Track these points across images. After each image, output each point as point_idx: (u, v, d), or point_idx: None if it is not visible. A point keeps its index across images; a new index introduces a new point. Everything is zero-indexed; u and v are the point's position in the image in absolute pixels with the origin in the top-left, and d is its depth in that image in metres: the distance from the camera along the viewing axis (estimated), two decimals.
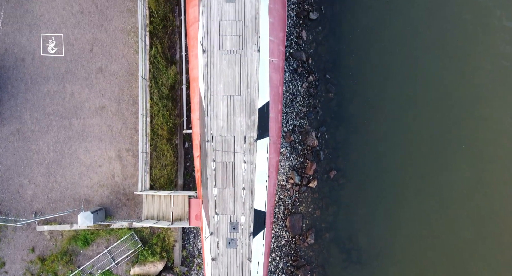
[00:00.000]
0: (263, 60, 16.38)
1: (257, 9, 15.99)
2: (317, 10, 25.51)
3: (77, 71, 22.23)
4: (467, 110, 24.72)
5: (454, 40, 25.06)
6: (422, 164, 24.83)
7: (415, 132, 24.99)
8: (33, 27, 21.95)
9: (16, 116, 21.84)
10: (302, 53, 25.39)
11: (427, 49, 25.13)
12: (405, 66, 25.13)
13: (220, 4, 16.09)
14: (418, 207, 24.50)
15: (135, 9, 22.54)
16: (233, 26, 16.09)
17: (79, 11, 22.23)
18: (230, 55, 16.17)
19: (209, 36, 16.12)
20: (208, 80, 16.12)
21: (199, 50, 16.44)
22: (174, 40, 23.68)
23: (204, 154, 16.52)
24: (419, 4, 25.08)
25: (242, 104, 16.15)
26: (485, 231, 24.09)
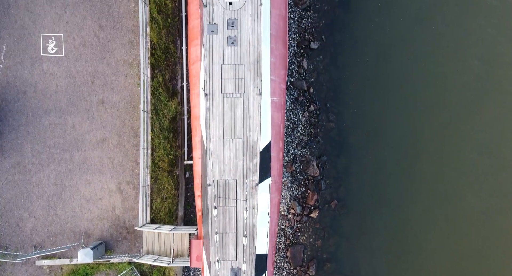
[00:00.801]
0: (264, 102, 16.41)
1: (258, 53, 16.08)
2: (318, 40, 25.63)
3: (79, 104, 22.24)
4: (469, 141, 24.69)
5: (455, 71, 25.14)
6: (424, 193, 24.73)
7: (416, 161, 24.93)
8: (35, 60, 22.01)
9: (16, 149, 21.80)
10: (303, 82, 25.44)
11: (428, 78, 25.19)
12: (405, 95, 25.17)
13: (222, 48, 16.17)
14: (422, 238, 24.34)
15: (137, 41, 22.64)
16: (234, 69, 16.15)
17: (81, 44, 22.32)
18: (232, 99, 16.21)
19: (211, 79, 16.17)
20: (210, 124, 16.14)
21: (201, 94, 16.47)
22: (176, 71, 23.76)
23: (206, 198, 16.46)
24: (419, 35, 25.20)
25: (244, 148, 16.15)
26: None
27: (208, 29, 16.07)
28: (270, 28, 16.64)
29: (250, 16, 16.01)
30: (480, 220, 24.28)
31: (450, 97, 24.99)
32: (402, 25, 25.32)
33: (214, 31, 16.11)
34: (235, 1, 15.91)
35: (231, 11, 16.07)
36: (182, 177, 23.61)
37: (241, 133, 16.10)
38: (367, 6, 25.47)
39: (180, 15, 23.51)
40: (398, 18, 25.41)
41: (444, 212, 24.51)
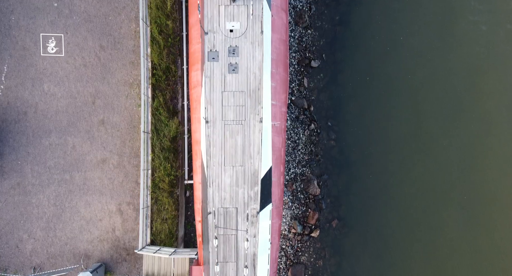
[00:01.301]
0: (265, 128, 16.38)
1: (259, 80, 16.08)
2: (318, 58, 25.66)
3: (79, 124, 22.22)
4: (474, 160, 24.61)
5: (457, 89, 25.12)
6: (426, 214, 24.61)
7: (417, 180, 24.84)
8: (36, 80, 22.03)
9: (17, 170, 21.75)
10: (303, 100, 25.43)
11: (429, 96, 25.16)
12: (406, 114, 25.13)
13: (223, 75, 16.17)
14: (425, 257, 24.19)
15: (138, 61, 22.66)
16: (235, 96, 16.15)
17: (82, 65, 22.34)
18: (233, 126, 16.18)
19: (212, 107, 16.17)
20: (211, 151, 16.11)
21: (202, 121, 16.45)
22: (176, 90, 23.75)
23: (206, 227, 16.39)
24: (419, 54, 25.20)
25: (245, 175, 16.10)
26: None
27: (209, 56, 16.10)
28: (270, 53, 16.67)
29: (251, 44, 16.04)
30: (487, 252, 24.16)
31: (453, 115, 24.94)
32: (403, 44, 25.35)
33: (215, 58, 16.12)
34: (236, 28, 15.93)
35: (232, 39, 16.10)
36: (183, 197, 23.53)
37: (242, 160, 16.07)
38: (368, 24, 25.52)
39: (181, 34, 23.57)
40: (399, 36, 25.45)
41: (447, 230, 24.38)
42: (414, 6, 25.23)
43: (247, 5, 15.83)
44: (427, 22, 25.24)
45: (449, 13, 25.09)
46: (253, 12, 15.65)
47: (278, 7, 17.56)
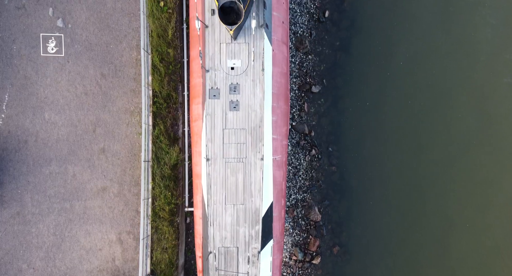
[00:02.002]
0: (266, 166, 16.37)
1: (260, 118, 16.11)
2: (319, 83, 25.72)
3: (80, 152, 22.19)
4: (472, 191, 24.53)
5: (455, 112, 25.14)
6: (428, 239, 24.49)
7: (419, 207, 24.76)
8: (37, 109, 22.05)
9: (16, 199, 21.67)
10: (304, 125, 25.45)
11: (429, 123, 25.16)
12: (406, 140, 25.13)
13: (224, 112, 16.21)
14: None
15: (139, 89, 22.69)
16: (236, 134, 16.16)
17: (83, 93, 22.38)
18: (234, 163, 16.18)
19: (213, 144, 16.17)
20: (211, 189, 16.09)
21: (203, 159, 16.45)
22: (177, 116, 23.74)
23: (207, 267, 16.31)
24: (419, 79, 25.25)
25: (246, 214, 16.06)
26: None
27: (210, 93, 16.14)
28: (272, 88, 16.70)
29: (252, 81, 16.09)
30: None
31: (455, 139, 24.92)
32: (403, 69, 25.43)
33: (216, 95, 16.16)
34: (237, 66, 15.99)
35: (233, 76, 16.15)
36: (183, 224, 23.42)
37: (243, 199, 16.03)
38: (368, 50, 25.63)
39: (182, 61, 23.63)
40: (399, 61, 25.54)
41: (450, 257, 24.23)
42: (414, 33, 25.34)
43: (248, 43, 15.91)
44: (427, 47, 25.33)
45: (450, 39, 25.19)
46: (254, 50, 15.72)
47: (279, 41, 17.64)
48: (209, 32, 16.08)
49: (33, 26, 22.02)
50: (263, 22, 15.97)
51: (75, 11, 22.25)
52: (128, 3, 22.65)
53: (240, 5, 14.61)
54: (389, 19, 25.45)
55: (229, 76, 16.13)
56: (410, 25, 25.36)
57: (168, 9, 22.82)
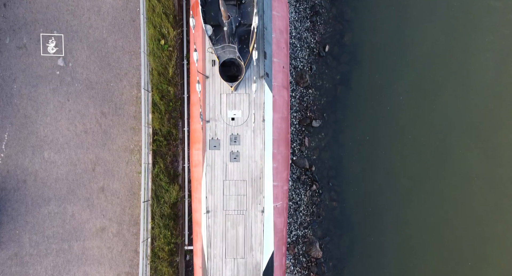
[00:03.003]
0: (267, 218, 16.22)
1: (261, 169, 16.03)
2: (319, 118, 25.67)
3: (79, 192, 22.02)
4: (473, 223, 24.33)
5: (456, 147, 25.07)
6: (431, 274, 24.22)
7: (420, 242, 24.52)
8: (36, 148, 21.95)
9: (14, 240, 21.43)
10: (305, 160, 25.33)
11: (429, 158, 25.06)
12: (406, 173, 25.00)
13: (224, 163, 16.13)
14: None
15: (139, 127, 22.63)
16: (237, 186, 16.05)
17: (83, 131, 22.31)
18: (234, 216, 16.04)
19: (213, 196, 16.06)
20: (211, 242, 15.92)
21: (203, 211, 16.32)
22: (177, 153, 23.65)
23: None
24: (419, 114, 25.21)
25: (246, 269, 15.85)
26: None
27: (210, 144, 16.07)
28: (272, 135, 16.64)
29: (252, 132, 16.03)
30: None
31: (456, 175, 24.79)
32: (403, 104, 25.41)
33: (216, 146, 16.10)
34: (237, 117, 15.96)
35: (234, 127, 16.10)
36: (183, 262, 23.14)
37: (243, 252, 15.84)
38: (368, 84, 25.64)
39: (182, 96, 23.62)
40: (399, 96, 25.54)
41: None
42: (414, 68, 25.39)
43: (248, 93, 15.90)
44: (427, 82, 25.35)
45: (451, 75, 25.20)
46: (255, 100, 15.71)
47: (279, 86, 17.63)
48: (209, 83, 16.08)
49: (34, 66, 22.05)
50: (263, 73, 16.01)
51: (76, 50, 22.31)
52: (129, 41, 22.73)
53: (241, 61, 14.63)
54: (389, 54, 25.52)
55: (229, 126, 16.09)
56: (410, 60, 25.42)
57: (169, 47, 22.90)
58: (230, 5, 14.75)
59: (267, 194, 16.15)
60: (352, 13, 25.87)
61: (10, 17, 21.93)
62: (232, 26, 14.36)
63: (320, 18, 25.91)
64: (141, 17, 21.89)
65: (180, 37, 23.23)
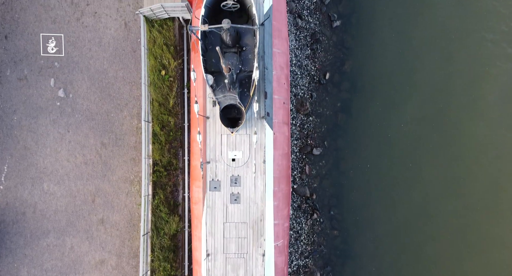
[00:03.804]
0: (268, 261, 16.03)
1: (262, 211, 15.92)
2: (320, 145, 25.60)
3: (78, 224, 21.87)
4: (474, 252, 24.12)
5: (456, 174, 24.96)
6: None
7: (422, 271, 24.27)
8: (36, 180, 21.85)
9: (13, 274, 21.22)
10: (305, 188, 25.19)
11: (430, 185, 24.93)
12: (408, 202, 24.84)
13: (224, 205, 16.02)
14: None
15: (139, 158, 22.54)
16: (237, 228, 15.93)
17: (83, 162, 22.22)
18: (234, 259, 15.89)
19: (213, 239, 15.92)
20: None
21: (203, 254, 16.16)
22: (178, 182, 23.52)
23: None
24: (420, 141, 25.14)
25: None
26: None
27: (211, 186, 15.98)
28: (273, 172, 16.56)
29: (253, 173, 15.95)
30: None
31: (458, 205, 24.63)
32: (403, 131, 25.35)
33: (217, 188, 16.00)
34: (238, 157, 15.89)
35: (234, 168, 16.02)
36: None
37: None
38: (368, 112, 25.61)
39: (183, 125, 23.57)
40: (400, 123, 25.49)
41: None
42: (414, 96, 25.37)
43: (249, 134, 15.85)
44: (427, 110, 25.32)
45: (451, 103, 25.20)
46: (256, 142, 15.66)
47: (280, 122, 17.60)
48: (210, 124, 16.06)
49: (34, 97, 22.05)
50: (264, 114, 15.99)
51: (76, 81, 22.33)
52: (129, 72, 22.76)
53: (241, 107, 14.61)
54: (390, 81, 25.54)
55: (230, 168, 16.01)
56: (411, 88, 25.43)
57: (170, 78, 22.93)
58: (231, 53, 14.78)
59: (268, 235, 16.02)
60: (353, 41, 25.95)
61: (11, 49, 21.99)
62: (233, 76, 14.43)
63: (320, 46, 25.97)
64: (142, 49, 21.94)
65: (180, 67, 23.27)
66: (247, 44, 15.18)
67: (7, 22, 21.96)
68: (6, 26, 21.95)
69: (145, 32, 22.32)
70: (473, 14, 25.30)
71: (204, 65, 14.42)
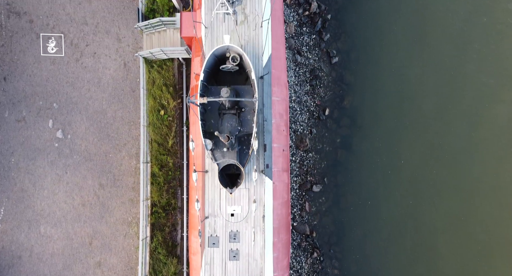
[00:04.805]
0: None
1: (261, 269, 15.65)
2: (320, 182, 25.41)
3: (75, 267, 21.55)
4: None
5: (457, 211, 24.75)
6: None
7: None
8: (33, 223, 21.60)
9: None
10: (305, 226, 24.92)
11: (430, 222, 24.68)
12: (408, 240, 24.56)
13: (223, 261, 15.76)
14: None
15: (137, 199, 22.33)
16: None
17: (80, 204, 22.00)
18: None
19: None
20: None
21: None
22: (176, 222, 23.28)
23: None
24: (419, 178, 24.97)
25: None
26: None
27: (209, 241, 15.76)
28: (273, 223, 16.34)
29: (252, 228, 15.76)
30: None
31: (461, 243, 24.35)
32: (403, 167, 25.19)
33: (215, 244, 15.78)
34: (237, 212, 15.71)
35: (233, 223, 15.83)
36: None
37: None
38: (368, 148, 25.47)
39: (182, 163, 23.41)
40: (400, 160, 25.35)
41: None
42: (415, 132, 25.28)
43: (248, 189, 15.70)
44: (428, 147, 25.21)
45: (450, 139, 25.11)
46: (255, 197, 15.50)
47: (279, 171, 17.45)
48: (209, 178, 15.92)
49: (32, 138, 21.93)
50: (263, 167, 15.87)
51: (75, 122, 22.23)
52: (128, 111, 22.69)
53: (241, 167, 14.49)
54: (389, 117, 25.46)
55: (229, 223, 15.82)
56: (410, 123, 25.34)
57: (169, 117, 22.86)
58: (230, 114, 14.72)
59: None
60: (352, 77, 25.97)
61: (10, 90, 21.94)
62: (232, 142, 14.42)
63: (319, 82, 25.97)
64: (141, 90, 21.91)
65: (180, 107, 23.22)
66: (246, 105, 15.14)
67: (6, 63, 21.95)
68: (5, 68, 21.94)
69: (144, 73, 22.32)
70: (471, 57, 25.41)
71: (203, 129, 14.33)
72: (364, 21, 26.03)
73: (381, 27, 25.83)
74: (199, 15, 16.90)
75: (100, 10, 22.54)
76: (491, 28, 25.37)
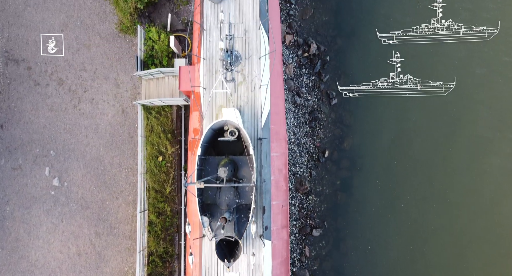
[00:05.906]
0: None
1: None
2: (320, 226, 25.04)
3: None
4: None
5: (458, 255, 24.37)
6: None
7: None
8: (27, 273, 21.15)
9: None
10: (305, 271, 24.47)
11: (429, 265, 24.28)
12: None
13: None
14: None
15: (134, 247, 21.94)
16: None
17: (76, 253, 21.59)
18: None
19: None
20: None
21: None
22: (174, 269, 22.85)
23: None
24: (418, 221, 24.63)
25: None
26: None
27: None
28: None
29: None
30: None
31: None
32: (402, 211, 24.88)
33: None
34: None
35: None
36: None
37: None
38: (369, 190, 25.18)
39: (179, 208, 23.08)
40: (400, 203, 25.04)
41: None
42: (415, 175, 25.04)
43: (246, 254, 15.36)
44: (428, 190, 24.93)
45: (450, 182, 24.86)
46: (254, 262, 15.14)
47: (278, 228, 17.14)
48: (205, 243, 15.57)
49: (28, 187, 21.63)
50: (262, 231, 15.55)
51: (72, 169, 21.97)
52: (125, 158, 22.45)
53: (239, 240, 14.21)
54: (389, 158, 25.24)
55: None
56: (411, 165, 25.10)
57: (167, 163, 22.61)
58: (228, 187, 14.51)
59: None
60: (351, 118, 25.82)
61: (7, 138, 21.73)
62: (229, 220, 14.22)
63: (319, 123, 25.82)
64: (139, 138, 21.71)
65: (178, 153, 23.00)
66: (245, 176, 14.95)
67: (3, 111, 21.80)
68: (2, 115, 21.77)
69: (143, 120, 22.15)
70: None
71: (201, 206, 14.09)
72: (363, 62, 26.02)
73: (380, 71, 25.84)
74: (198, 74, 16.79)
75: (99, 56, 22.49)
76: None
